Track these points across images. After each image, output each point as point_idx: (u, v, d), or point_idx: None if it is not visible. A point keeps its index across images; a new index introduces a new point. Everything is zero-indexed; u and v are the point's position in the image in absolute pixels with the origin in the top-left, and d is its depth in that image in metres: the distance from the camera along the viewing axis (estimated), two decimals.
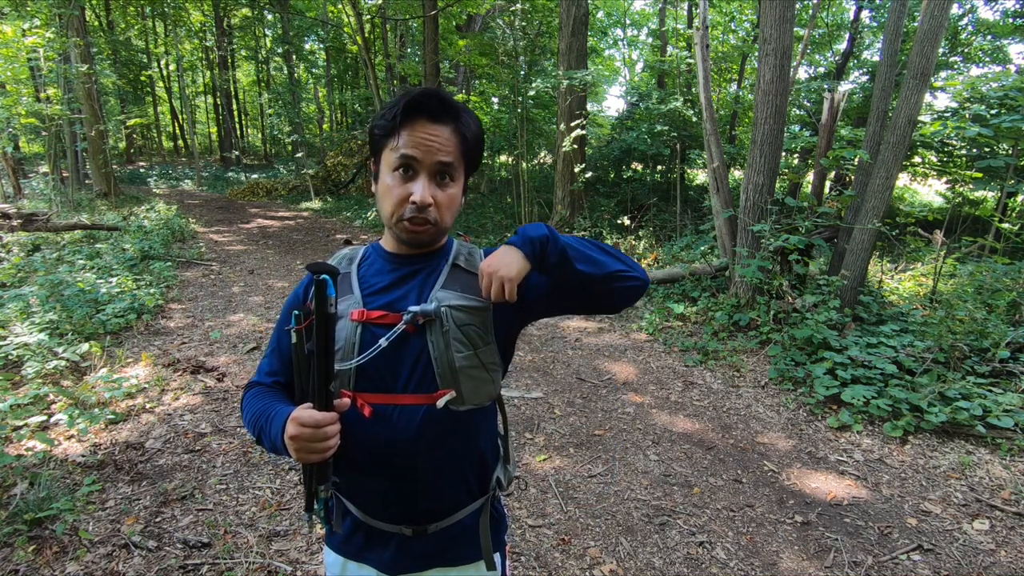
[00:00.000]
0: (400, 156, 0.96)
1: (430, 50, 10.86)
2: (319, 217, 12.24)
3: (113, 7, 18.71)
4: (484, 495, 1.13)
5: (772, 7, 5.16)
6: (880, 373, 3.83)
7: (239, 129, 24.68)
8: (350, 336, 0.99)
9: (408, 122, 0.96)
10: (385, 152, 1.00)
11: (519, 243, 0.94)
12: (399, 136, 0.96)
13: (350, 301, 1.02)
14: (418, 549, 1.07)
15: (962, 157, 7.51)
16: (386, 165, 0.99)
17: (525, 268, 0.93)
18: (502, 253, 0.94)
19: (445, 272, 1.05)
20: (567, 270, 0.96)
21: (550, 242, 0.94)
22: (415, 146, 0.96)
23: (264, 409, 1.01)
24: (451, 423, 1.01)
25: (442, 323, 0.98)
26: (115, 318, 4.86)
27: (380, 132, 1.00)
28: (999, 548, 2.51)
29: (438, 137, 0.97)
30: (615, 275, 0.98)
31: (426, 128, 0.96)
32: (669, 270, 6.46)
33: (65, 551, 2.30)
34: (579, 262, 0.96)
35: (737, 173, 10.66)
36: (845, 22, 12.93)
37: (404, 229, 1.00)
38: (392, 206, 0.99)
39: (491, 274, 0.92)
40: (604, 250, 1.02)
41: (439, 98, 0.97)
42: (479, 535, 1.11)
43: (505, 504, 2.79)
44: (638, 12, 22.44)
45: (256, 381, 1.13)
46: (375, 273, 1.07)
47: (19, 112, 9.60)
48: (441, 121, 0.98)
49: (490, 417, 1.13)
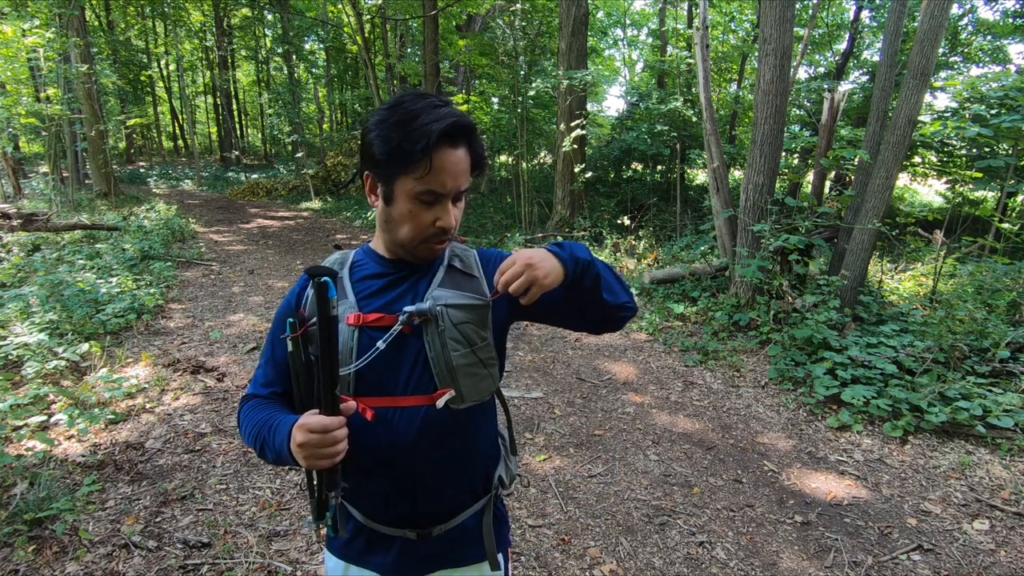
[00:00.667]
0: (428, 191, 0.94)
1: (430, 50, 10.86)
2: (319, 217, 12.24)
3: (113, 7, 18.72)
4: (487, 494, 1.13)
5: (772, 7, 5.16)
6: (880, 373, 3.83)
7: (239, 129, 24.68)
8: (347, 341, 0.98)
9: (436, 152, 0.92)
10: (404, 179, 0.94)
11: (566, 258, 0.92)
12: (429, 169, 0.91)
13: (345, 305, 1.02)
14: (422, 551, 1.07)
15: (962, 157, 7.51)
16: (405, 192, 0.95)
17: (559, 282, 0.91)
18: (544, 256, 0.90)
19: (441, 273, 1.04)
20: (592, 295, 0.98)
21: (591, 267, 0.96)
22: (443, 180, 0.93)
23: (265, 420, 1.00)
24: (452, 423, 1.01)
25: (438, 322, 0.98)
26: (115, 318, 4.86)
27: (399, 156, 0.92)
28: (999, 548, 2.51)
29: (459, 164, 0.95)
30: (623, 306, 1.03)
31: (450, 157, 0.93)
32: (669, 270, 6.45)
33: (65, 551, 2.30)
34: (605, 291, 0.99)
35: (737, 173, 10.66)
36: (845, 22, 12.94)
37: (426, 250, 1.00)
38: (415, 231, 0.98)
39: (528, 266, 0.88)
40: (618, 279, 1.04)
41: (463, 124, 0.93)
42: (483, 535, 1.10)
43: (505, 503, 2.79)
44: (638, 12, 22.46)
45: (252, 394, 1.10)
46: (369, 277, 1.06)
47: (19, 112, 9.60)
48: (460, 146, 0.95)
49: (490, 413, 1.13)
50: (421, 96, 0.94)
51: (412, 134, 0.90)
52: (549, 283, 0.89)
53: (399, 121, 0.91)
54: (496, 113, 12.14)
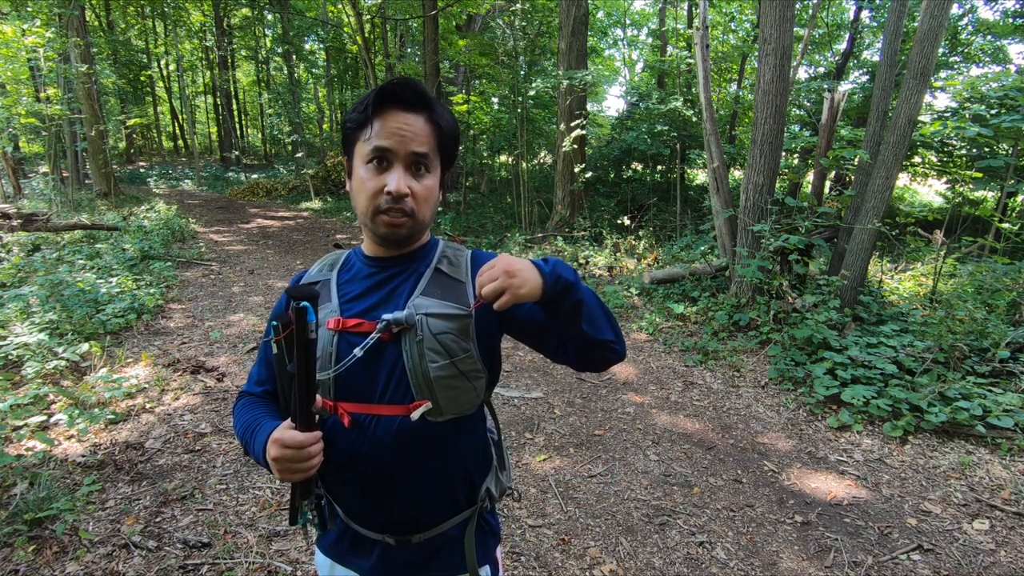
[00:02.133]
0: (373, 148, 0.94)
1: (430, 50, 10.85)
2: (319, 217, 12.24)
3: (113, 7, 18.71)
4: (471, 506, 1.09)
5: (772, 7, 5.16)
6: (880, 373, 3.83)
7: (239, 129, 24.66)
8: (327, 346, 0.97)
9: (381, 112, 0.94)
10: (358, 145, 0.97)
11: (547, 273, 0.87)
12: (372, 127, 0.93)
13: (328, 309, 1.00)
14: (401, 558, 1.05)
15: (962, 157, 7.51)
16: (359, 158, 0.97)
17: (535, 295, 0.86)
18: (526, 267, 0.86)
19: (426, 277, 1.01)
20: (571, 323, 0.92)
21: (573, 290, 0.89)
22: (389, 136, 0.93)
23: (251, 422, 1.01)
24: (430, 434, 0.99)
25: (416, 332, 0.95)
26: (115, 318, 4.86)
27: (352, 125, 0.97)
28: (999, 548, 2.51)
29: (411, 127, 0.94)
30: (605, 344, 0.96)
31: (399, 118, 0.94)
32: (669, 270, 6.45)
33: (65, 551, 2.30)
34: (585, 321, 0.92)
35: (737, 173, 10.66)
36: (845, 22, 12.94)
37: (382, 223, 0.96)
38: (367, 199, 0.96)
39: (506, 272, 0.83)
40: (606, 315, 0.98)
41: (412, 87, 0.95)
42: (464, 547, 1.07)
43: (504, 507, 2.78)
44: (638, 12, 22.46)
45: (246, 391, 1.12)
46: (354, 279, 1.04)
47: (19, 112, 9.61)
48: (415, 111, 0.95)
49: (477, 425, 1.08)
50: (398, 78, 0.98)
51: (363, 100, 0.95)
52: (523, 293, 0.83)
53: (362, 97, 0.97)
54: (496, 113, 12.13)
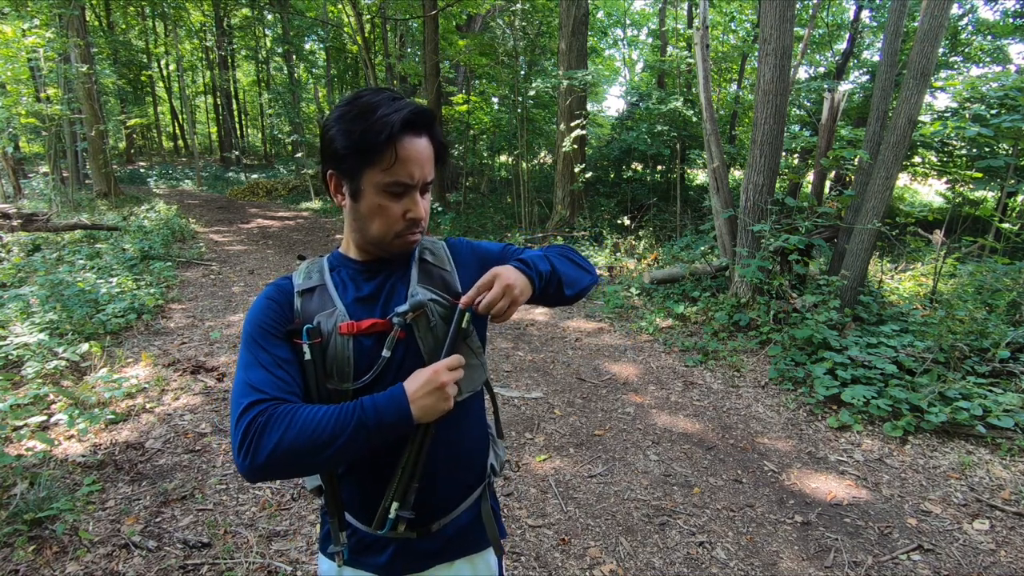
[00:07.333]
0: (396, 182, 0.93)
1: (430, 50, 10.85)
2: (319, 217, 12.24)
3: (113, 7, 18.71)
4: (480, 484, 1.15)
5: (772, 7, 5.16)
6: (880, 373, 3.83)
7: (239, 129, 24.64)
8: (342, 351, 0.96)
9: (400, 142, 0.91)
10: (370, 172, 0.93)
11: (534, 276, 1.01)
12: (395, 159, 0.91)
13: (334, 314, 0.99)
14: (419, 549, 1.07)
15: (962, 157, 7.51)
16: (372, 185, 0.94)
17: (528, 296, 1.01)
18: (516, 275, 0.97)
19: (415, 270, 1.05)
20: (557, 295, 1.08)
21: (553, 275, 1.05)
22: (410, 172, 0.93)
23: (343, 406, 0.88)
24: (450, 419, 1.01)
25: (428, 318, 0.99)
26: (115, 318, 4.86)
27: (363, 148, 0.90)
28: (999, 548, 2.51)
29: (422, 154, 0.95)
30: (585, 289, 1.14)
31: (414, 146, 0.93)
32: (669, 270, 6.45)
33: (65, 551, 2.30)
34: (567, 287, 1.08)
35: (737, 173, 10.66)
36: (845, 22, 12.93)
37: (399, 244, 1.01)
38: (387, 226, 0.97)
39: (507, 287, 0.95)
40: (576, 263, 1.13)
41: (423, 113, 0.94)
42: (483, 522, 1.13)
43: (504, 507, 2.79)
44: (638, 12, 22.47)
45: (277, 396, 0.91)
46: (349, 284, 1.05)
47: (19, 112, 9.61)
48: (422, 134, 0.95)
49: (480, 402, 1.16)
50: (379, 90, 0.94)
51: (375, 124, 0.89)
52: (523, 300, 0.99)
53: (359, 114, 0.90)
54: (496, 113, 12.14)
